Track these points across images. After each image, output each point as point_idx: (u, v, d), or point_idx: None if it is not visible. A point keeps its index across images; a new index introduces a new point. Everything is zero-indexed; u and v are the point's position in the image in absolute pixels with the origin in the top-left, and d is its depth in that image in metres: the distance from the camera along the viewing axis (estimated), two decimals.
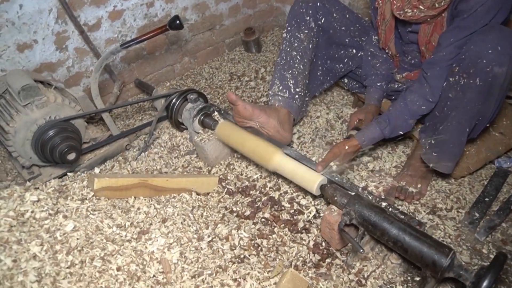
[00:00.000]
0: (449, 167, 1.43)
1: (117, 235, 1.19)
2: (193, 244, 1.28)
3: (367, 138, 1.46)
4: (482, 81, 1.19)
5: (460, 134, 1.33)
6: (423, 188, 1.54)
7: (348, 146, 1.45)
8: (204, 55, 2.40)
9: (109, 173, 1.43)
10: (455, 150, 1.37)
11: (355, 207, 1.24)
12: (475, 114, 1.28)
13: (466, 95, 1.25)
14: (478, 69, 1.18)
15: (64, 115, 1.52)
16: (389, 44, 1.59)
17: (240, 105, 1.57)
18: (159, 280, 1.13)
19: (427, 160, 1.45)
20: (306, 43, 1.66)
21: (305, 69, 1.68)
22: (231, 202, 1.54)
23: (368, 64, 1.70)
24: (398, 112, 1.43)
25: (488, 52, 1.15)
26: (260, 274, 1.25)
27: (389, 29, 1.55)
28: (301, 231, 1.44)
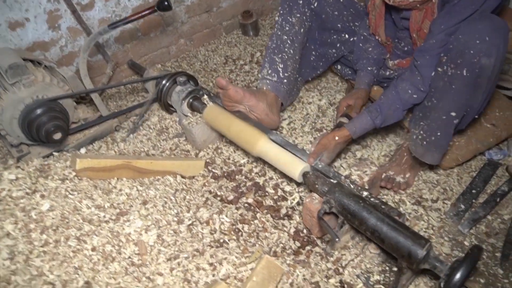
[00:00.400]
0: (435, 158, 1.40)
1: (95, 216, 1.19)
2: (172, 227, 1.28)
3: (358, 128, 1.43)
4: (469, 72, 1.15)
5: (448, 125, 1.29)
6: (410, 179, 1.51)
7: (338, 137, 1.42)
8: (201, 37, 2.36)
9: (94, 154, 1.42)
10: (442, 141, 1.34)
11: (335, 195, 1.22)
12: (463, 105, 1.24)
13: (453, 86, 1.21)
14: (465, 59, 1.14)
15: (52, 94, 1.51)
16: (378, 30, 1.55)
17: (231, 89, 1.55)
18: (134, 262, 1.13)
19: (413, 150, 1.42)
20: (297, 27, 1.63)
21: (296, 54, 1.65)
22: (215, 186, 1.53)
23: (360, 49, 1.65)
24: (390, 101, 1.39)
25: (475, 42, 1.11)
26: (238, 259, 1.25)
27: (379, 15, 1.50)
28: (283, 217, 1.43)
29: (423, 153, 1.39)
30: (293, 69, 1.67)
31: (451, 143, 1.54)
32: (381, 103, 1.40)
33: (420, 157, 1.41)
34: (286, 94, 1.69)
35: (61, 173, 1.27)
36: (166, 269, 1.15)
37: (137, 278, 1.10)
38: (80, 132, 1.69)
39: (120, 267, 1.10)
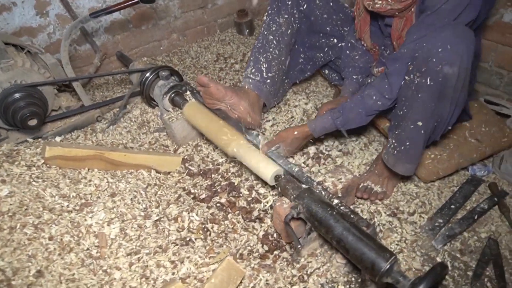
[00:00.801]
0: (407, 169, 1.36)
1: (58, 205, 1.17)
2: (137, 222, 1.25)
3: (318, 126, 1.41)
4: (432, 81, 1.12)
5: (416, 135, 1.26)
6: (388, 189, 1.48)
7: (297, 132, 1.42)
8: (194, 33, 2.35)
9: (68, 143, 1.40)
10: (412, 151, 1.31)
11: (304, 201, 1.19)
12: (430, 115, 1.21)
13: (419, 95, 1.18)
14: (428, 68, 1.11)
15: (31, 80, 1.49)
16: (364, 36, 1.52)
17: (212, 86, 1.53)
18: (92, 254, 1.11)
19: (386, 160, 1.39)
20: (284, 28, 1.60)
21: (281, 55, 1.63)
22: (190, 183, 1.51)
23: (347, 56, 1.63)
24: (353, 104, 1.37)
25: (438, 50, 1.08)
26: (201, 259, 1.22)
27: (364, 20, 1.48)
28: (254, 220, 1.40)
29: (394, 163, 1.37)
30: (277, 70, 1.65)
31: (433, 156, 1.50)
32: (345, 105, 1.38)
33: (392, 167, 1.38)
34: (270, 95, 1.67)
35: (29, 160, 1.25)
36: (125, 264, 1.13)
37: (93, 271, 1.07)
38: (61, 120, 1.68)
39: (77, 258, 1.08)
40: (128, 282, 1.09)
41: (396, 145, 1.34)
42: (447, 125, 1.29)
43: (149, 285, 1.11)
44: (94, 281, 1.06)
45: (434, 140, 1.37)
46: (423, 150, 1.35)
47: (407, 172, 1.39)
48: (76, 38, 1.94)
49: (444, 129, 1.31)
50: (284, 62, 1.66)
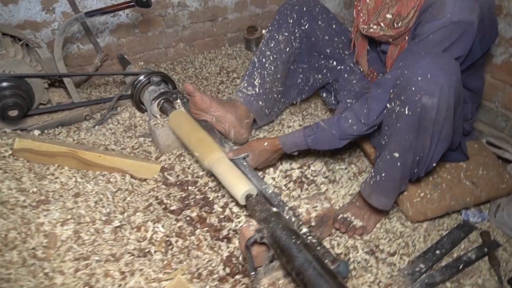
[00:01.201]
0: (382, 203, 1.27)
1: (13, 198, 1.12)
2: (95, 226, 1.19)
3: (289, 141, 1.35)
4: (411, 111, 1.04)
5: (392, 167, 1.17)
6: (370, 224, 1.37)
7: (267, 143, 1.37)
8: (202, 45, 2.32)
9: (41, 137, 1.37)
10: (387, 184, 1.22)
11: (270, 225, 1.11)
12: (408, 148, 1.12)
13: (398, 125, 1.10)
14: (407, 96, 1.04)
15: (19, 71, 1.48)
16: (360, 61, 1.45)
17: (197, 96, 1.48)
18: (36, 254, 1.05)
19: (362, 189, 1.30)
20: (283, 46, 1.55)
21: (277, 72, 1.57)
22: (164, 193, 1.44)
23: (344, 79, 1.56)
24: (328, 125, 1.30)
25: (417, 78, 1.00)
26: (155, 274, 1.14)
27: (361, 44, 1.41)
28: (222, 239, 1.32)
29: (369, 194, 1.28)
30: (272, 87, 1.59)
31: (423, 194, 1.39)
32: (319, 124, 1.31)
33: (367, 198, 1.29)
34: (261, 111, 1.61)
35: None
36: (70, 269, 1.06)
37: (32, 272, 1.01)
38: (49, 114, 1.66)
39: (19, 257, 1.02)
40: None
41: (373, 175, 1.26)
42: (431, 161, 1.19)
43: None
44: (31, 284, 1.00)
45: (418, 176, 1.27)
46: (400, 185, 1.26)
47: (382, 206, 1.29)
48: (80, 37, 1.94)
49: (428, 165, 1.21)
50: (279, 79, 1.60)
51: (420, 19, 1.18)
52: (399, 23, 1.20)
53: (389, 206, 1.29)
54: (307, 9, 1.55)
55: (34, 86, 1.53)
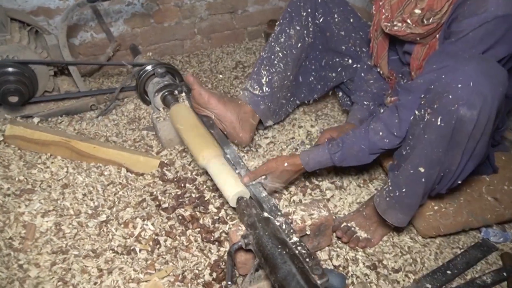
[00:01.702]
0: (399, 220, 1.15)
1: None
2: (79, 219, 1.15)
3: (313, 159, 1.22)
4: (443, 122, 0.91)
5: (414, 182, 1.05)
6: (375, 237, 1.26)
7: (288, 163, 1.23)
8: (220, 38, 2.26)
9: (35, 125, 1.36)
10: (407, 200, 1.09)
11: (256, 231, 1.03)
12: (435, 163, 0.99)
13: (425, 136, 0.97)
14: (441, 105, 0.91)
15: (23, 57, 1.47)
16: (380, 62, 1.33)
17: (196, 89, 1.40)
18: (12, 244, 1.02)
19: (377, 203, 1.18)
20: (294, 41, 1.45)
21: (286, 69, 1.47)
22: (160, 189, 1.39)
23: (361, 78, 1.44)
24: (356, 139, 1.17)
25: (457, 86, 0.87)
26: (135, 273, 1.09)
27: (381, 44, 1.29)
28: (213, 241, 1.25)
29: (385, 209, 1.15)
30: (280, 86, 1.49)
31: (436, 208, 1.27)
32: (345, 138, 1.18)
33: (382, 213, 1.16)
34: (268, 111, 1.52)
35: None
36: (46, 262, 1.03)
37: (6, 263, 0.99)
38: (55, 102, 1.65)
39: None
40: (42, 283, 0.99)
41: (391, 189, 1.13)
42: (456, 179, 1.07)
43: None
44: (3, 275, 0.97)
45: (439, 192, 1.14)
46: (421, 202, 1.13)
47: (398, 223, 1.17)
48: (94, 25, 1.94)
49: (452, 182, 1.09)
50: (289, 77, 1.50)
51: (455, 14, 1.05)
52: (430, 19, 1.07)
53: (405, 223, 1.17)
54: (322, 1, 1.45)
55: (38, 73, 1.53)
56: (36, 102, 1.57)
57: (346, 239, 1.24)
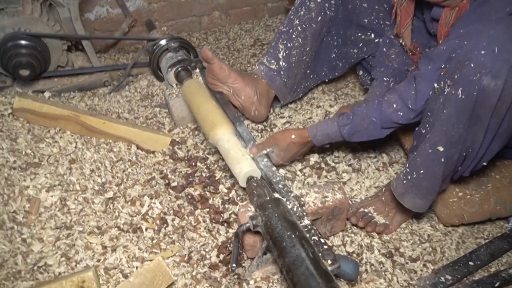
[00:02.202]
0: (417, 204, 1.07)
1: (1, 158, 1.09)
2: (85, 195, 1.13)
3: (320, 131, 1.16)
4: (465, 94, 0.82)
5: (433, 163, 0.97)
6: (394, 223, 1.19)
7: (295, 136, 1.19)
8: (239, 14, 2.19)
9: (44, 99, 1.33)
10: (425, 183, 1.01)
11: (265, 212, 0.98)
12: (455, 141, 0.91)
13: (445, 111, 0.89)
14: (462, 75, 0.82)
15: (35, 30, 1.45)
16: (403, 32, 1.23)
17: (216, 63, 1.36)
18: (16, 218, 1.01)
19: (393, 186, 1.11)
20: (314, 14, 1.37)
21: (305, 44, 1.40)
22: (170, 167, 1.36)
23: (383, 53, 1.35)
24: (367, 111, 1.10)
25: (480, 52, 0.78)
26: (140, 252, 1.07)
27: (405, 11, 1.19)
28: (222, 222, 1.21)
29: (403, 193, 1.08)
30: (298, 61, 1.42)
31: (461, 194, 1.19)
32: (356, 110, 1.11)
33: (399, 197, 1.09)
34: (284, 88, 1.45)
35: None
36: (50, 237, 1.01)
37: (9, 237, 0.97)
38: (69, 78, 1.63)
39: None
40: (45, 258, 0.98)
41: (409, 171, 1.05)
42: (480, 160, 0.98)
43: (68, 266, 0.98)
44: (6, 248, 0.96)
45: (462, 175, 1.06)
46: (442, 186, 1.05)
47: (416, 208, 1.09)
48: (110, 0, 1.90)
49: (476, 164, 1.00)
50: (308, 53, 1.43)
51: None
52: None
53: (424, 209, 1.10)
54: None
55: (51, 47, 1.50)
56: (49, 77, 1.56)
57: (363, 224, 1.18)
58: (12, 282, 0.92)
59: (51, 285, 0.88)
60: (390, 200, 1.19)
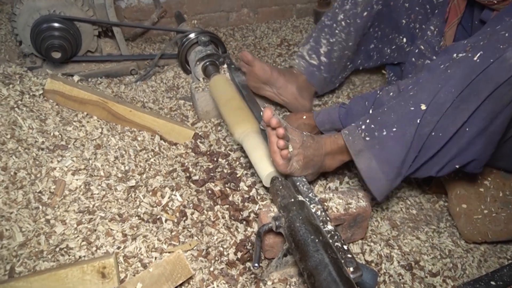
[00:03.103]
0: (370, 167, 0.97)
1: (31, 138, 1.09)
2: (108, 181, 1.13)
3: (323, 113, 1.21)
4: (481, 58, 0.79)
5: (408, 122, 0.89)
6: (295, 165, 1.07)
7: (306, 117, 1.25)
8: (267, 13, 2.18)
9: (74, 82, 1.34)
10: (392, 143, 0.92)
11: (289, 214, 0.97)
12: (439, 105, 0.85)
13: (449, 71, 0.84)
14: (491, 40, 0.79)
15: (70, 14, 1.46)
16: (447, 31, 1.20)
17: (257, 65, 1.33)
18: (41, 198, 1.01)
19: (350, 143, 0.99)
20: (360, 8, 1.35)
21: (349, 39, 1.38)
22: (191, 161, 1.35)
23: (412, 64, 1.33)
24: (365, 96, 1.12)
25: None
26: (159, 243, 1.06)
27: (455, 8, 1.15)
28: (241, 220, 1.20)
29: (361, 150, 0.97)
30: (340, 57, 1.41)
31: (486, 212, 1.16)
32: (357, 96, 1.16)
33: (355, 155, 0.99)
34: (323, 82, 1.45)
35: (27, 87, 1.20)
36: (72, 220, 1.01)
37: (34, 216, 0.98)
38: (96, 63, 1.63)
39: (24, 198, 0.99)
40: (67, 241, 0.98)
41: (375, 127, 0.95)
42: (456, 156, 0.91)
43: (88, 251, 0.98)
44: (31, 227, 0.96)
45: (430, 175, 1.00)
46: (403, 161, 0.94)
47: (367, 171, 0.98)
48: None
49: (447, 161, 0.93)
50: (350, 48, 1.41)
51: None
52: None
53: (370, 178, 0.98)
54: None
55: (83, 32, 1.51)
56: (78, 61, 1.56)
57: (281, 134, 0.96)
58: (34, 261, 0.92)
59: (72, 268, 0.88)
60: (321, 149, 1.08)
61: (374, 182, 1.00)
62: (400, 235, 1.20)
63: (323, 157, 1.10)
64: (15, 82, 1.18)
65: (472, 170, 0.99)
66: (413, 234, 1.20)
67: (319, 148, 1.09)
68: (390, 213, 1.26)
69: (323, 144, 1.10)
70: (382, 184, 1.00)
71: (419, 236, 1.20)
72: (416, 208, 1.28)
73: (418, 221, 1.25)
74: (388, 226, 1.22)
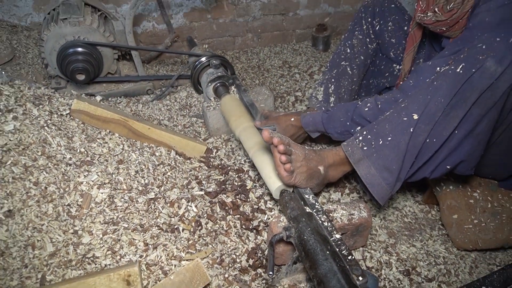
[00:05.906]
0: (369, 174, 0.98)
1: (60, 155, 1.08)
2: (130, 194, 1.12)
3: (309, 115, 1.22)
4: (464, 69, 0.81)
5: (402, 131, 0.91)
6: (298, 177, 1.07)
7: (294, 119, 1.25)
8: (269, 37, 2.20)
9: (99, 103, 1.34)
10: (388, 151, 0.94)
11: (299, 225, 0.97)
12: (431, 115, 0.87)
13: (435, 82, 0.86)
14: (470, 54, 0.81)
15: (93, 39, 1.46)
16: (405, 57, 1.23)
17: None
18: (70, 211, 1.00)
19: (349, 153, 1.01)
20: (357, 49, 1.40)
21: (353, 83, 1.42)
22: (204, 174, 1.35)
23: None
24: (347, 105, 1.14)
25: (495, 39, 0.79)
26: (178, 251, 1.05)
27: (411, 37, 1.19)
28: (252, 229, 1.20)
29: (360, 159, 0.99)
30: (348, 95, 1.43)
31: (476, 222, 1.17)
32: (339, 104, 1.17)
33: (355, 163, 1.00)
34: None
35: (56, 107, 1.20)
36: (98, 231, 1.00)
37: (63, 228, 0.97)
38: (116, 84, 1.64)
39: (54, 210, 0.99)
40: (93, 250, 0.97)
41: (371, 138, 0.97)
42: (446, 158, 0.93)
43: (113, 260, 0.97)
44: (60, 238, 0.95)
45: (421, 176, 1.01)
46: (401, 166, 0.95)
47: (368, 177, 0.99)
48: (156, 16, 1.91)
49: (439, 162, 0.94)
50: (356, 82, 1.44)
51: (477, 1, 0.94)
52: (451, 4, 0.96)
53: (374, 182, 0.99)
54: (380, 10, 1.37)
55: (104, 55, 1.51)
56: (99, 82, 1.57)
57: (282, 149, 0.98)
58: (63, 270, 0.91)
59: (100, 276, 0.87)
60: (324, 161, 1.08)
61: (375, 188, 1.01)
62: (397, 242, 1.20)
63: (326, 169, 1.11)
64: (45, 103, 1.18)
65: (463, 171, 1.00)
66: (409, 242, 1.20)
67: (322, 160, 1.10)
68: (387, 222, 1.26)
69: (325, 157, 1.11)
70: (382, 189, 1.01)
71: (414, 244, 1.20)
72: (411, 218, 1.29)
73: (413, 230, 1.25)
74: (386, 234, 1.22)
